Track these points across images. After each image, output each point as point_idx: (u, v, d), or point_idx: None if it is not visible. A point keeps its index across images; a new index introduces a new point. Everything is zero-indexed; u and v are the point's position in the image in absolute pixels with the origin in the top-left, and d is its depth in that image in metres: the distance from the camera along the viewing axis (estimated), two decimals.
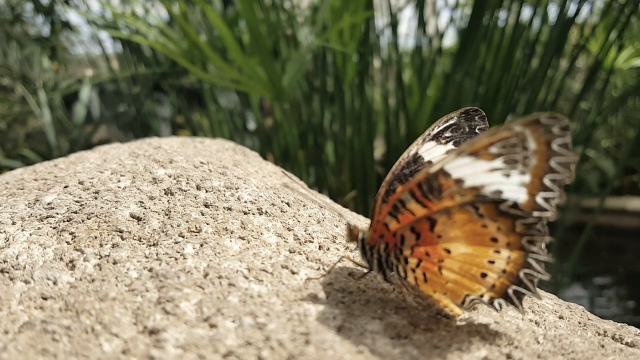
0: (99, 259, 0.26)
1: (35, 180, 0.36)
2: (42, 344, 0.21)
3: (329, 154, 0.98)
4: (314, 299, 0.25)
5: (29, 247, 0.28)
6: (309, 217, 0.33)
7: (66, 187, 0.34)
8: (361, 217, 0.40)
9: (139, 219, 0.30)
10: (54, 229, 0.29)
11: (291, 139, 0.89)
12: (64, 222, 0.30)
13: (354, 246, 0.30)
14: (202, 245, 0.28)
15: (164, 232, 0.29)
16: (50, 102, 1.15)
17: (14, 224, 0.30)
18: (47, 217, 0.30)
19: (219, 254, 0.27)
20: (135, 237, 0.28)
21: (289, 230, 0.31)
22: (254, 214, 0.31)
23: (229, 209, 0.31)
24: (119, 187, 0.34)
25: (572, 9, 0.77)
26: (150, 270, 0.26)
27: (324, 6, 0.77)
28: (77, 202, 0.32)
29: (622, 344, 0.26)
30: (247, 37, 0.79)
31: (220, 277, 0.25)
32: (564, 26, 0.77)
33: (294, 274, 0.26)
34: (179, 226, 0.29)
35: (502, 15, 0.86)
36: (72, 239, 0.28)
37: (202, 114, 1.28)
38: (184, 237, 0.28)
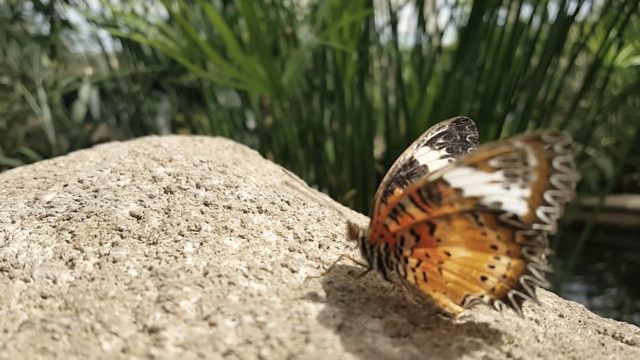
0: (99, 258, 0.26)
1: (34, 178, 0.36)
2: (41, 342, 0.21)
3: (328, 152, 0.98)
4: (314, 297, 0.24)
5: (28, 246, 0.27)
6: (309, 215, 0.33)
7: (66, 185, 0.34)
8: (361, 216, 0.40)
9: (138, 218, 0.30)
10: (54, 227, 0.29)
11: (291, 138, 0.89)
12: (64, 220, 0.30)
13: (354, 245, 0.30)
14: (201, 243, 0.28)
15: (163, 230, 0.29)
16: (49, 100, 1.15)
17: (13, 222, 0.30)
18: (47, 216, 0.30)
19: (219, 252, 0.27)
20: (134, 236, 0.28)
21: (289, 228, 0.31)
22: (253, 213, 0.31)
23: (229, 208, 0.31)
24: (118, 186, 0.34)
25: (572, 7, 0.77)
26: (150, 268, 0.26)
27: (323, 4, 0.76)
28: (76, 200, 0.32)
29: (622, 342, 0.26)
30: (247, 36, 0.79)
31: (220, 276, 0.25)
32: (563, 24, 0.77)
33: (293, 272, 0.26)
34: (178, 225, 0.29)
35: (502, 13, 0.86)
36: (72, 238, 0.28)
37: (201, 113, 1.28)
38: (183, 235, 0.28)
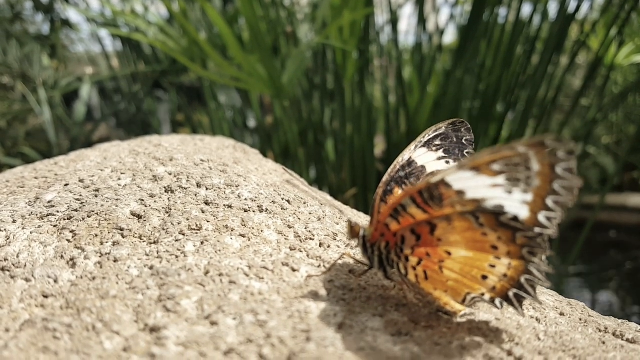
0: (100, 257, 0.26)
1: (35, 178, 0.36)
2: (43, 342, 0.21)
3: (329, 151, 0.98)
4: (315, 296, 0.25)
5: (29, 245, 0.28)
6: (310, 214, 0.33)
7: (67, 185, 0.34)
8: (362, 214, 0.40)
9: (139, 217, 0.30)
10: (55, 227, 0.29)
11: (291, 137, 0.89)
12: (65, 220, 0.30)
13: (354, 243, 0.30)
14: (202, 242, 0.28)
15: (164, 229, 0.29)
16: (50, 100, 1.15)
17: (14, 222, 0.30)
18: (48, 215, 0.30)
19: (220, 251, 0.27)
20: (135, 235, 0.28)
21: (290, 227, 0.31)
22: (254, 212, 0.31)
23: (230, 207, 0.31)
24: (119, 185, 0.34)
25: (572, 5, 0.77)
26: (151, 268, 0.26)
27: (323, 3, 0.76)
28: (77, 200, 0.32)
29: (623, 340, 0.26)
30: (247, 35, 0.79)
31: (221, 275, 0.25)
32: (564, 23, 0.77)
33: (294, 271, 0.26)
34: (179, 224, 0.29)
35: (502, 12, 0.86)
36: (73, 237, 0.28)
37: (202, 112, 1.28)
38: (184, 234, 0.28)
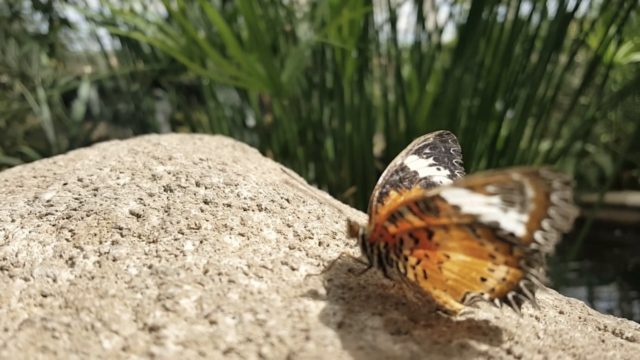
0: (99, 256, 0.26)
1: (34, 177, 0.36)
2: (42, 341, 0.21)
3: (328, 150, 0.98)
4: (314, 295, 0.24)
5: (28, 245, 0.27)
6: (309, 213, 0.33)
7: (65, 184, 0.34)
8: (361, 213, 0.40)
9: (138, 216, 0.30)
10: (54, 226, 0.29)
11: (290, 135, 0.89)
12: (63, 219, 0.30)
13: (354, 242, 0.30)
14: (201, 242, 0.28)
15: (163, 229, 0.29)
16: (49, 99, 1.15)
17: (13, 221, 0.30)
18: (47, 215, 0.30)
19: (219, 250, 0.27)
20: (134, 234, 0.28)
21: (289, 226, 0.31)
22: (253, 211, 0.31)
23: (229, 206, 0.31)
24: (118, 184, 0.34)
25: (571, 3, 0.77)
26: (150, 267, 0.26)
27: (322, 2, 0.76)
28: (76, 199, 0.32)
29: (622, 338, 0.26)
30: (246, 34, 0.78)
31: (220, 274, 0.25)
32: (563, 21, 0.77)
33: (293, 270, 0.26)
34: (178, 223, 0.29)
35: (501, 10, 0.86)
36: (72, 236, 0.28)
37: (201, 111, 1.27)
38: (183, 233, 0.28)
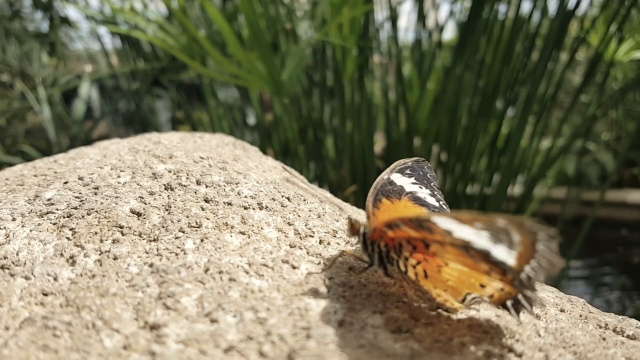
0: (100, 255, 0.26)
1: (35, 176, 0.36)
2: (43, 340, 0.21)
3: (329, 148, 0.98)
4: (315, 293, 0.24)
5: (29, 243, 0.27)
6: (310, 211, 0.33)
7: (66, 183, 0.34)
8: (362, 212, 0.40)
9: (139, 215, 0.30)
10: (54, 225, 0.29)
11: (291, 134, 0.89)
12: (64, 218, 0.30)
13: (355, 240, 0.30)
14: (202, 240, 0.28)
15: (164, 227, 0.29)
16: (49, 98, 1.15)
17: (14, 220, 0.30)
18: (47, 213, 0.30)
19: (220, 249, 0.27)
20: (135, 233, 0.28)
21: (290, 224, 0.31)
22: (254, 209, 0.31)
23: (229, 204, 0.31)
24: (118, 183, 0.34)
25: (572, 1, 0.77)
26: (150, 265, 0.26)
27: (323, 0, 0.76)
28: (77, 197, 0.32)
29: (623, 336, 0.26)
30: (247, 32, 0.78)
31: (220, 272, 0.25)
32: (564, 19, 0.77)
33: (294, 268, 0.26)
34: (179, 221, 0.29)
35: (501, 8, 0.86)
36: (73, 235, 0.28)
37: (201, 109, 1.27)
38: (184, 232, 0.28)
